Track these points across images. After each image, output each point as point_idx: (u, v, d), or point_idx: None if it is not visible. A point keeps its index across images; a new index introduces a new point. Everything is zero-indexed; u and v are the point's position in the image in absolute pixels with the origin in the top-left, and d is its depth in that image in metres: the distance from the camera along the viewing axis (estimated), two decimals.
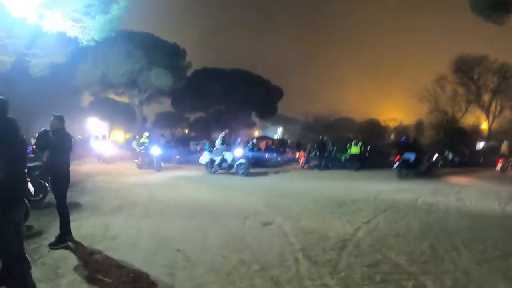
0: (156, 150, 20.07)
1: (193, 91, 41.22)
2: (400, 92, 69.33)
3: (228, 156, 18.23)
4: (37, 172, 10.27)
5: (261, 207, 9.52)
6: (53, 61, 20.59)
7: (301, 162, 23.93)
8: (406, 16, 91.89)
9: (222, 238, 6.64)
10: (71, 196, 11.29)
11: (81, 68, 30.98)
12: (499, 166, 20.80)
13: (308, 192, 12.54)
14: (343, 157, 22.59)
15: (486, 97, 42.30)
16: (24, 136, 4.42)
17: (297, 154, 25.75)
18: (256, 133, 53.66)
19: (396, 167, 17.47)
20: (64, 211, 6.48)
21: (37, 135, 7.13)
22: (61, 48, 20.27)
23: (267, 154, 25.08)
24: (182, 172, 19.53)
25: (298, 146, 29.62)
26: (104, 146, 26.05)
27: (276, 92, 48.64)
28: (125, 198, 10.96)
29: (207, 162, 18.84)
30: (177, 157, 26.16)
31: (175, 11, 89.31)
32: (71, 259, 5.65)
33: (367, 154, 22.80)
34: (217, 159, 18.46)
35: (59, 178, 6.51)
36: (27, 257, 4.49)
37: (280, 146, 31.33)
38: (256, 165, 21.73)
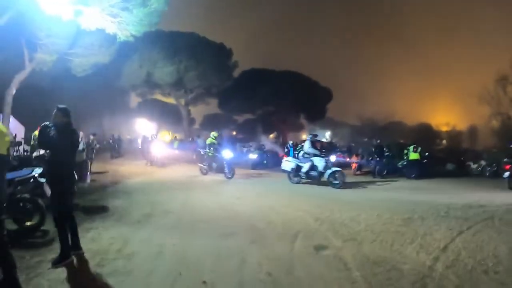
0: (228, 154, 17.41)
1: (241, 92, 40.55)
2: (454, 95, 67.23)
3: (319, 162, 15.05)
4: None
5: (312, 223, 7.96)
6: (96, 60, 20.57)
7: (353, 167, 22.45)
8: (460, 15, 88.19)
9: (264, 269, 5.13)
10: (101, 199, 10.55)
11: (127, 68, 31.05)
12: None
13: (365, 204, 10.78)
14: (400, 163, 20.86)
15: None
16: None
17: (350, 159, 24.05)
18: (304, 136, 52.17)
19: (508, 177, 15.15)
20: (61, 223, 5.34)
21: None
22: (104, 47, 20.11)
23: None
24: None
25: (349, 150, 28.14)
26: (155, 147, 23.33)
27: (326, 94, 47.57)
28: (158, 205, 9.82)
29: (292, 169, 15.79)
30: None
31: (222, 13, 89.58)
32: (66, 286, 4.56)
33: (425, 161, 20.96)
34: (305, 166, 15.36)
35: (58, 182, 5.39)
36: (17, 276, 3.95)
37: (330, 149, 29.73)
38: None
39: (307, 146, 15.83)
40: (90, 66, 20.44)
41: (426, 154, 21.74)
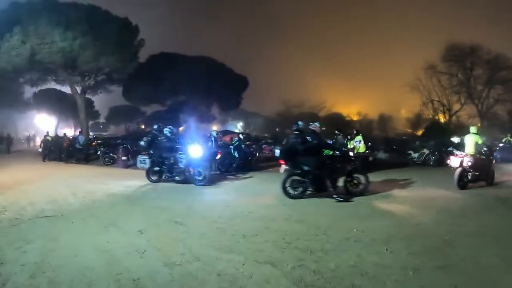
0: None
1: (148, 80, 36.01)
2: (368, 86, 70.45)
3: None
4: None
5: None
6: None
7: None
8: (384, 10, 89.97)
9: None
10: None
11: (4, 44, 24.55)
12: None
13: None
14: None
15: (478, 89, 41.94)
16: None
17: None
18: (214, 128, 49.26)
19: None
20: None
21: None
22: None
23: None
24: (125, 182, 13.72)
25: (275, 143, 25.16)
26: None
27: (241, 82, 44.33)
28: None
29: None
30: (123, 158, 20.33)
31: None
32: None
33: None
34: None
35: None
36: None
37: (254, 142, 26.16)
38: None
39: None
40: None
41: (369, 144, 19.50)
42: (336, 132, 18.40)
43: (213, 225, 7.18)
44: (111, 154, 21.14)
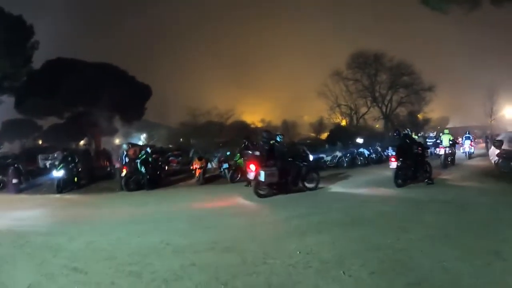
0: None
1: (44, 88, 32.93)
2: (272, 93, 71.02)
3: None
4: None
5: None
6: None
7: (198, 173, 18.08)
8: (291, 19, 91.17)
9: None
10: None
11: None
12: None
13: None
14: None
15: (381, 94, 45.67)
16: None
17: (194, 165, 19.11)
18: (117, 141, 46.39)
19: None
20: None
21: None
22: None
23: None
24: (13, 212, 11.70)
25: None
26: None
27: (144, 91, 42.64)
28: None
29: None
30: (14, 181, 17.55)
31: None
32: None
33: None
34: None
35: None
36: None
37: (160, 154, 24.46)
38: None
39: None
40: None
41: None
42: (244, 140, 18.36)
43: (123, 268, 5.71)
44: (0, 176, 18.46)
